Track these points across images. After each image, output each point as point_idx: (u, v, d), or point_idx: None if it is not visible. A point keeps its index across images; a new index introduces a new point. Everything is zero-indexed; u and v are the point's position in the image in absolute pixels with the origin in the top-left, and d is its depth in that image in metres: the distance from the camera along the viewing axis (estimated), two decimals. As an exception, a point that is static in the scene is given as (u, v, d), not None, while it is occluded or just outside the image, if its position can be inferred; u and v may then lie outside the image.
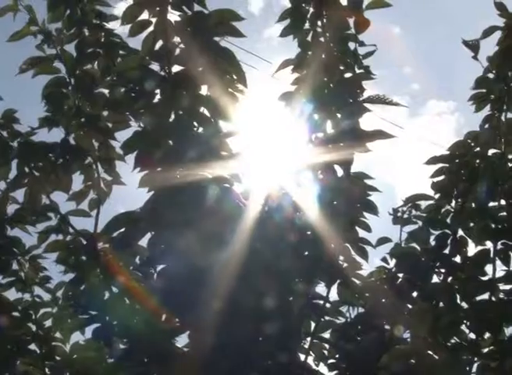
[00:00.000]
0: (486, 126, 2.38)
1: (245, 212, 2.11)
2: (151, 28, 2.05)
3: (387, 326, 2.28)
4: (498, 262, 2.20)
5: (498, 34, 2.39)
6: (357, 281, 2.27)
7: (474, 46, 2.23)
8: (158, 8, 2.02)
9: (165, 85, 2.04)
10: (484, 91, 2.40)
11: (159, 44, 2.06)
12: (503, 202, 2.22)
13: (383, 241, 2.41)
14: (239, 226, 2.06)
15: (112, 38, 2.37)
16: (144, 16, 2.04)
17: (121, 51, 2.35)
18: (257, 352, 2.03)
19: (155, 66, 2.07)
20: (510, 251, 2.17)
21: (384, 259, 2.41)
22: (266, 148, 2.22)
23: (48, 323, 2.45)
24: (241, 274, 1.99)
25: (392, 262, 2.39)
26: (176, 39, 2.04)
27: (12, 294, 2.47)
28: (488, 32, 2.37)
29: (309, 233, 2.20)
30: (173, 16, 2.03)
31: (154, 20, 2.04)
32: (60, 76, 2.41)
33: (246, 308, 2.01)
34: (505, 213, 2.19)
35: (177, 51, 2.04)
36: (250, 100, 2.22)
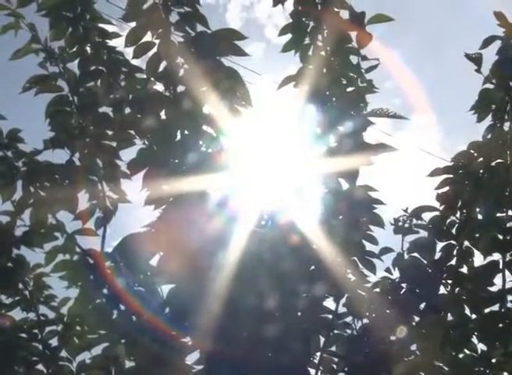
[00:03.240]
0: (489, 136, 2.38)
1: (249, 226, 2.12)
2: (155, 49, 2.06)
3: (393, 338, 2.29)
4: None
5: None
6: (364, 294, 2.28)
7: (476, 59, 2.23)
8: (160, 30, 2.02)
9: (171, 105, 2.04)
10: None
11: (163, 64, 2.06)
12: (509, 213, 2.22)
13: (385, 251, 2.41)
14: (242, 239, 2.07)
15: (115, 56, 2.37)
16: (148, 37, 2.05)
17: (124, 69, 2.35)
18: (269, 369, 2.04)
19: (160, 87, 2.08)
20: (520, 263, 2.18)
21: (388, 270, 2.41)
22: (269, 162, 2.23)
23: (54, 341, 2.45)
24: (249, 292, 2.01)
25: (395, 273, 2.39)
26: (180, 60, 2.04)
27: (17, 314, 2.47)
28: (488, 41, 2.36)
29: (315, 246, 2.20)
30: (176, 37, 2.03)
31: (157, 42, 2.05)
32: (63, 95, 2.41)
33: (257, 326, 2.02)
34: (512, 224, 2.19)
35: (181, 71, 2.05)
36: (252, 115, 2.23)
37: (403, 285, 2.33)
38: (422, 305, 2.29)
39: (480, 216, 2.25)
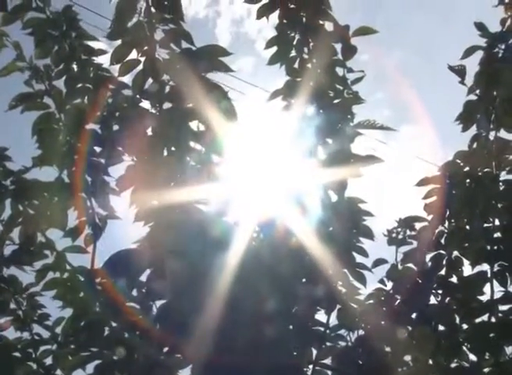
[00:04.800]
0: (474, 145, 2.39)
1: (239, 239, 2.12)
2: (141, 67, 2.07)
3: (387, 349, 2.29)
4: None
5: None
6: (356, 306, 2.28)
7: (460, 71, 2.24)
8: (146, 48, 2.03)
9: (157, 123, 2.05)
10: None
11: (149, 82, 2.07)
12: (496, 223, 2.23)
13: (379, 262, 2.42)
14: (235, 253, 2.07)
15: (101, 73, 2.38)
16: (133, 55, 2.05)
17: (111, 86, 2.35)
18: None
19: (146, 104, 2.09)
20: (507, 273, 2.18)
21: (381, 281, 2.41)
22: (258, 175, 2.24)
23: (49, 360, 2.44)
24: (239, 307, 2.01)
25: (389, 284, 2.40)
26: (166, 76, 2.05)
27: (11, 334, 2.46)
28: (469, 52, 2.36)
29: (306, 259, 2.20)
30: (162, 54, 2.04)
31: (142, 59, 2.06)
32: (50, 112, 2.41)
33: (248, 340, 2.02)
34: (500, 234, 2.19)
35: (167, 88, 2.06)
36: (240, 129, 2.24)
37: (397, 296, 2.33)
38: (414, 316, 2.29)
39: (468, 226, 2.26)
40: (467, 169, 2.29)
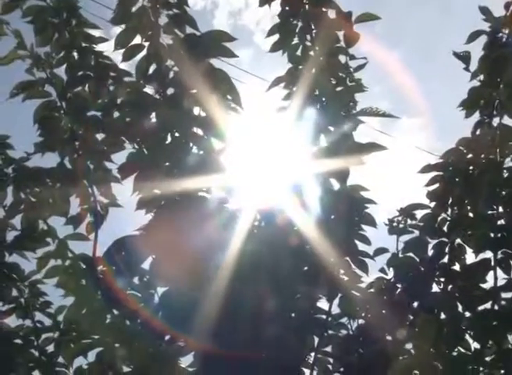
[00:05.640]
0: (477, 132, 2.38)
1: (241, 227, 2.12)
2: (144, 52, 2.06)
3: (389, 337, 2.29)
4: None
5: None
6: (358, 294, 2.28)
7: (464, 57, 2.23)
8: (150, 33, 2.02)
9: (161, 108, 2.04)
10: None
11: (153, 67, 2.06)
12: (500, 210, 2.22)
13: (380, 251, 2.41)
14: (235, 241, 2.07)
15: (102, 60, 2.36)
16: (137, 40, 2.04)
17: (111, 73, 2.34)
18: (264, 369, 2.04)
19: (150, 90, 2.08)
20: (511, 260, 2.18)
21: (382, 270, 2.41)
22: (261, 163, 2.23)
23: (51, 348, 2.44)
24: (241, 295, 2.00)
25: (390, 273, 2.40)
26: (170, 62, 2.04)
27: (12, 321, 2.46)
28: (473, 36, 2.35)
29: (308, 247, 2.20)
30: (166, 39, 2.03)
31: (146, 44, 2.04)
32: (51, 100, 2.40)
33: (250, 327, 2.02)
34: (503, 222, 2.19)
35: (171, 73, 2.05)
36: (244, 117, 2.23)
37: (398, 285, 2.32)
38: (416, 304, 2.29)
39: (471, 214, 2.25)
40: (470, 156, 2.28)
